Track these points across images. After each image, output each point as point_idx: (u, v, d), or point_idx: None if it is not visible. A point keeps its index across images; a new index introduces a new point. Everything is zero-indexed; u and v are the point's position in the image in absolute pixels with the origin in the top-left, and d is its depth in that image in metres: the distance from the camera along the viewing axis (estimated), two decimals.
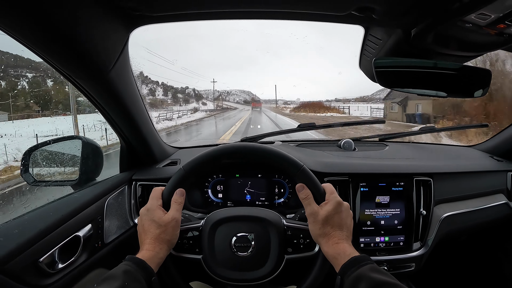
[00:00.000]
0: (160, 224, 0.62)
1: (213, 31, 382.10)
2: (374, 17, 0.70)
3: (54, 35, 0.54)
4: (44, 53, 0.59)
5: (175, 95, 77.84)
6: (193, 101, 73.38)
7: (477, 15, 0.64)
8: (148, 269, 0.56)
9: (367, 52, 0.86)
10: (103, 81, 0.71)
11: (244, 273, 0.67)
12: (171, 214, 0.63)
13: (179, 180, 0.67)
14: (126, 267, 0.54)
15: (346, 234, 0.62)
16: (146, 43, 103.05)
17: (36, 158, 0.90)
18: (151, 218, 0.63)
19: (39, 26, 0.51)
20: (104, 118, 0.85)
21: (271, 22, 12.25)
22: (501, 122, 6.29)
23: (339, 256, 0.58)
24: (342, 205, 0.64)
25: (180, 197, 0.66)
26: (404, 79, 0.81)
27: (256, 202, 1.03)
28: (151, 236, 0.61)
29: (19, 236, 0.61)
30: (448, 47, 0.81)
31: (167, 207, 0.65)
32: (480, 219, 1.10)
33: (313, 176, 0.67)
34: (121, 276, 0.51)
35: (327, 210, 0.63)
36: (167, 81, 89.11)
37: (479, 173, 1.14)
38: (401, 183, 1.00)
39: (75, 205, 0.76)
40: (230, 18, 0.70)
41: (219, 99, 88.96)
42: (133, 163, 1.03)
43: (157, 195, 0.66)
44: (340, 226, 0.62)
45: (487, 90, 0.88)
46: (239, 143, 0.70)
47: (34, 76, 15.18)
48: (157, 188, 0.68)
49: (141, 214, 0.66)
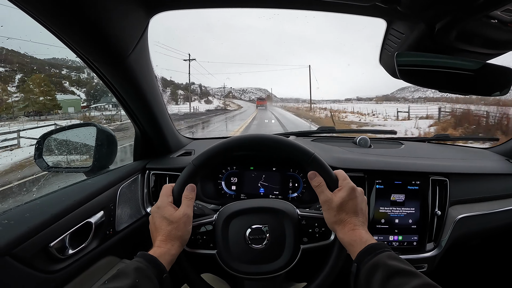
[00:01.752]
0: (172, 220, 0.61)
1: (229, 28, 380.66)
2: (399, 9, 0.69)
3: (72, 14, 0.53)
4: (63, 33, 0.59)
5: (175, 91, 75.29)
6: (196, 98, 71.33)
7: (503, 11, 0.63)
8: (160, 266, 0.55)
9: (388, 46, 0.85)
10: (121, 66, 0.71)
11: (260, 266, 0.66)
12: (182, 210, 0.62)
13: (189, 175, 0.66)
14: (138, 264, 0.53)
15: (361, 220, 0.61)
16: (158, 37, 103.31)
17: (50, 144, 0.91)
18: (162, 215, 0.62)
19: (58, 6, 0.51)
20: (120, 104, 0.85)
21: (290, 18, 11.96)
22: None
23: (355, 243, 0.57)
24: (356, 190, 0.63)
25: (191, 192, 0.65)
26: (426, 74, 0.79)
27: (270, 195, 1.02)
28: (163, 233, 0.60)
29: (31, 220, 0.61)
30: (471, 44, 0.79)
31: (178, 203, 0.64)
32: (495, 222, 1.08)
33: (325, 163, 0.66)
34: (133, 273, 0.50)
35: (341, 197, 0.61)
36: (170, 77, 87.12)
37: (495, 176, 1.12)
38: (417, 182, 0.98)
39: (88, 191, 0.76)
40: (251, 6, 0.70)
41: (229, 97, 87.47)
42: (147, 152, 1.03)
43: (167, 192, 0.66)
44: (355, 212, 0.61)
45: (508, 90, 0.86)
46: (249, 134, 0.69)
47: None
48: (167, 185, 0.67)
49: (152, 212, 0.65)
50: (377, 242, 0.56)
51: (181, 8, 0.68)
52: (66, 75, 67.74)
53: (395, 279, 0.48)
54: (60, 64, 68.96)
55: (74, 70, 67.97)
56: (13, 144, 5.27)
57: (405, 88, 26.02)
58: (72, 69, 68.12)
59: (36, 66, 35.90)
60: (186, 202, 0.64)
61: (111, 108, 23.89)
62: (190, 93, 72.61)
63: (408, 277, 0.48)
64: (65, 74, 67.95)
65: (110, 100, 26.21)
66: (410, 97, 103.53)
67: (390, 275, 0.49)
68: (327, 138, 1.32)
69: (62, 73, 68.05)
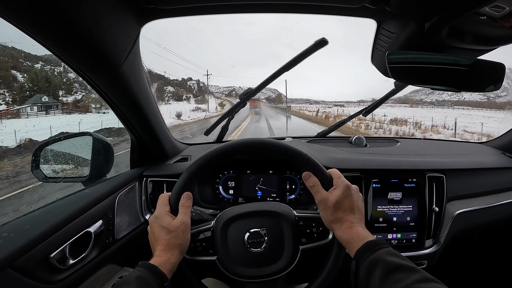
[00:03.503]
0: (170, 229, 0.61)
1: (232, 27, 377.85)
2: (388, 10, 0.69)
3: (64, 26, 0.53)
4: (54, 45, 0.58)
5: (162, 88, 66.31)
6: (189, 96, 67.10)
7: (491, 7, 0.64)
8: (161, 274, 0.55)
9: (379, 46, 0.86)
10: (114, 75, 0.71)
11: (261, 269, 0.66)
12: (180, 219, 0.63)
13: (185, 184, 0.66)
14: (139, 273, 0.53)
15: (358, 217, 0.62)
16: (159, 37, 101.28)
17: (47, 154, 0.91)
18: (160, 225, 0.62)
19: (47, 16, 0.51)
20: (114, 113, 0.85)
21: (295, 18, 11.85)
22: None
23: (353, 240, 0.58)
24: (351, 188, 0.64)
25: (188, 200, 0.66)
26: (417, 73, 0.80)
27: (267, 198, 1.02)
28: (162, 242, 0.61)
29: (30, 231, 0.61)
30: (462, 41, 0.80)
31: (175, 212, 0.65)
32: (493, 217, 1.08)
33: (318, 163, 0.67)
34: (134, 282, 0.51)
35: (337, 195, 0.62)
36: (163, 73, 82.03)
37: (491, 170, 1.12)
38: (413, 179, 0.99)
39: (86, 201, 0.76)
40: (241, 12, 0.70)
41: (232, 95, 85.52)
42: (144, 159, 1.03)
43: (164, 201, 0.66)
44: (352, 210, 0.62)
45: (500, 84, 0.87)
46: (241, 139, 0.69)
47: None
48: (164, 195, 0.68)
49: (150, 222, 0.65)
50: (375, 239, 0.57)
51: (172, 16, 0.69)
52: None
53: (394, 275, 0.48)
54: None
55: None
56: None
57: (419, 91, 25.17)
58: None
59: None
60: (183, 211, 0.64)
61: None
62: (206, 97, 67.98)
63: (407, 272, 0.48)
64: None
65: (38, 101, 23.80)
66: (426, 99, 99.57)
67: (389, 271, 0.49)
68: (322, 139, 1.32)
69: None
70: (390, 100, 1.20)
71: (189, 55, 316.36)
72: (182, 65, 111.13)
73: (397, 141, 1.28)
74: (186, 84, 76.65)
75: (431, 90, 3.80)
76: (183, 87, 76.54)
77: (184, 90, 74.27)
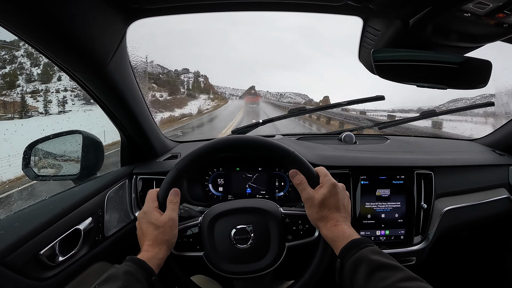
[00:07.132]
0: (158, 225, 0.62)
1: (254, 27, 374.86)
2: (371, 7, 0.70)
3: (49, 26, 0.54)
4: (40, 45, 0.59)
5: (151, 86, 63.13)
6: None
7: (475, 4, 0.64)
8: (149, 269, 0.56)
9: (366, 44, 0.86)
10: (101, 74, 0.71)
11: (247, 265, 0.67)
12: (168, 214, 0.64)
13: (173, 180, 0.67)
14: (127, 268, 0.54)
15: (344, 216, 0.62)
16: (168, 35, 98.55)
17: (37, 153, 0.91)
18: (148, 221, 0.63)
19: (33, 16, 0.51)
20: (103, 111, 0.85)
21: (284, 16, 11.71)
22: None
23: (338, 238, 0.58)
24: (337, 186, 0.64)
25: (175, 197, 0.66)
26: (403, 71, 0.80)
27: (257, 195, 1.03)
28: (150, 237, 0.61)
29: (20, 229, 0.62)
30: (448, 38, 0.80)
31: (163, 208, 0.65)
32: (482, 213, 1.09)
33: (305, 161, 0.67)
34: (122, 276, 0.52)
35: (323, 193, 0.62)
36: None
37: (480, 167, 1.13)
38: (401, 176, 0.99)
39: (76, 198, 0.77)
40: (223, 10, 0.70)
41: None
42: (133, 157, 1.03)
43: (153, 197, 0.67)
44: (337, 208, 0.62)
45: (487, 81, 0.87)
46: (229, 136, 0.70)
47: None
48: (152, 190, 0.69)
49: (138, 218, 0.66)
50: (360, 238, 0.57)
51: (158, 15, 0.69)
52: None
53: (379, 273, 0.49)
54: None
55: None
56: None
57: (458, 100, 21.05)
58: None
59: None
60: (171, 207, 0.65)
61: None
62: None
63: (391, 270, 0.49)
64: None
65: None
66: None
67: (373, 269, 0.50)
68: (312, 136, 1.33)
69: None
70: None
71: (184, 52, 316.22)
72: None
73: (387, 138, 1.29)
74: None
75: (471, 98, 3.72)
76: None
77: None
